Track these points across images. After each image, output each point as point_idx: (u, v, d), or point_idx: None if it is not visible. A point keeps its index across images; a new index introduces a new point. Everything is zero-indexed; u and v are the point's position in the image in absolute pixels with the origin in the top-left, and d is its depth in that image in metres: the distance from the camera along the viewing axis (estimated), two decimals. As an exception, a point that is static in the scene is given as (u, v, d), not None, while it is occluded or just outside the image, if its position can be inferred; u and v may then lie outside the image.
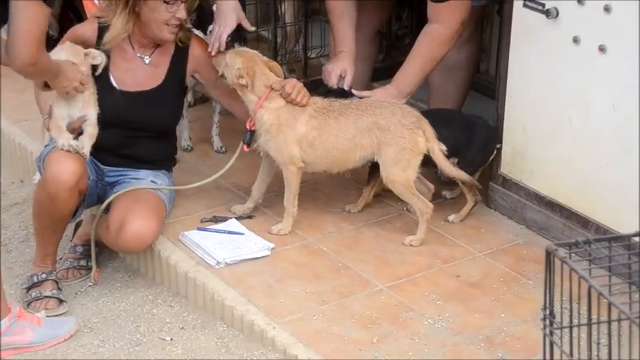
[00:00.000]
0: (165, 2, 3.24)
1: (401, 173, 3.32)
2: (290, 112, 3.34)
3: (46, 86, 3.16)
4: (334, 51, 3.76)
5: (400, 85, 3.53)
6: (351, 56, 3.66)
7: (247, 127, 3.39)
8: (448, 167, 3.38)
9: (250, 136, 3.39)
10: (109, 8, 3.32)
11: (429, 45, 3.51)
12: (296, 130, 3.33)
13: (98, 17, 3.36)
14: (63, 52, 3.16)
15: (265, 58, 3.42)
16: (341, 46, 3.68)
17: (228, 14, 3.43)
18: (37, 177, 3.43)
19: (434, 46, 3.50)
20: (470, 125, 3.57)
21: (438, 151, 3.35)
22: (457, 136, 3.47)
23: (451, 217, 3.56)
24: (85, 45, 3.28)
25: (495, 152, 3.55)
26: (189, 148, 4.12)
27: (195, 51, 3.44)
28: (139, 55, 3.38)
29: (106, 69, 3.31)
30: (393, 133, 3.30)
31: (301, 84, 3.38)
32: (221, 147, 4.11)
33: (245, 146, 3.41)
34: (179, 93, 3.52)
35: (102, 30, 3.34)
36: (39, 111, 3.41)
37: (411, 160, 3.32)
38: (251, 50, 3.45)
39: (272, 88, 3.33)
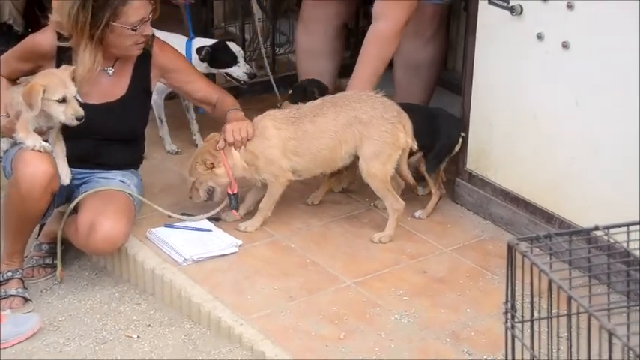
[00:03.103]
0: (133, 30, 3.19)
1: (381, 167, 3.33)
2: (254, 142, 3.34)
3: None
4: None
5: (356, 88, 3.52)
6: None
7: (230, 192, 3.39)
8: (405, 166, 3.41)
9: (236, 201, 3.42)
10: (72, 41, 3.24)
11: (377, 45, 3.52)
12: (270, 146, 3.33)
13: (58, 33, 3.27)
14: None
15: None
16: None
17: None
18: None
19: (381, 45, 3.52)
20: (432, 117, 3.59)
21: (408, 148, 3.36)
22: (421, 128, 3.48)
23: (417, 213, 3.58)
24: (42, 57, 3.24)
25: (461, 141, 3.57)
26: (174, 152, 4.09)
27: (157, 58, 3.40)
28: (101, 67, 3.32)
29: None
30: (375, 127, 3.30)
31: (233, 123, 3.36)
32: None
33: (234, 212, 3.44)
34: (144, 99, 3.48)
35: (61, 50, 3.27)
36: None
37: (391, 155, 3.33)
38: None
39: (221, 149, 3.34)
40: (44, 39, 3.32)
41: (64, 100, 3.09)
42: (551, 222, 3.29)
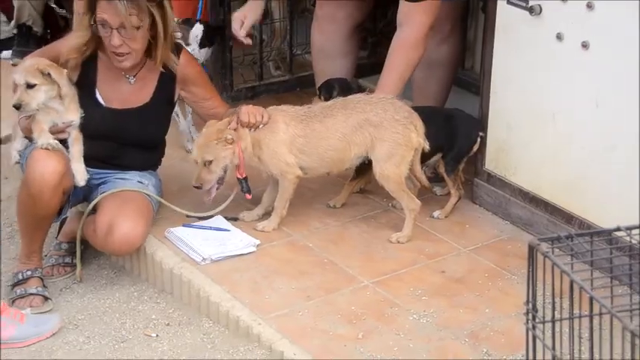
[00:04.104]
0: (101, 25, 3.14)
1: (394, 169, 3.32)
2: (263, 130, 3.33)
3: None
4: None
5: (383, 93, 3.52)
6: (257, 5, 3.88)
7: (239, 176, 3.37)
8: (419, 167, 3.41)
9: (247, 183, 3.39)
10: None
11: (402, 52, 3.54)
12: (277, 140, 3.32)
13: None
14: (19, 74, 3.14)
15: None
16: None
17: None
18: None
19: (407, 51, 3.53)
20: (450, 118, 3.59)
21: (420, 148, 3.36)
22: (439, 130, 3.48)
23: (436, 213, 3.58)
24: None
25: (479, 141, 3.56)
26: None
27: (183, 69, 3.38)
28: (123, 73, 3.33)
29: (93, 85, 3.29)
30: (386, 128, 3.30)
31: (249, 105, 3.37)
32: None
33: (247, 195, 3.41)
34: (166, 109, 3.48)
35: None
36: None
37: (404, 156, 3.32)
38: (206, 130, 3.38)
39: (235, 130, 3.31)
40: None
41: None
42: (570, 222, 3.27)
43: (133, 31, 3.14)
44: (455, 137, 3.54)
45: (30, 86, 3.12)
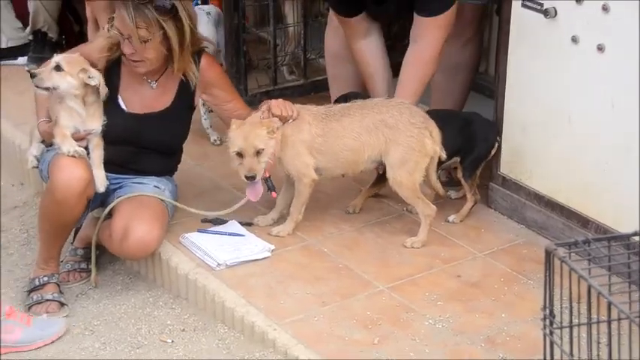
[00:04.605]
0: (120, 34, 3.16)
1: (408, 176, 3.31)
2: (290, 127, 3.31)
3: None
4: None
5: None
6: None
7: (264, 175, 3.30)
8: (434, 176, 3.40)
9: (271, 181, 3.33)
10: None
11: (416, 67, 3.55)
12: (302, 139, 3.31)
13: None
14: (59, 56, 3.15)
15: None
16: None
17: None
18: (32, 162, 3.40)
19: (421, 67, 3.54)
20: (468, 122, 3.58)
21: (437, 157, 3.35)
22: (457, 134, 3.48)
23: (451, 218, 3.56)
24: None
25: (497, 145, 3.55)
26: (217, 142, 4.15)
27: (204, 73, 3.37)
28: (145, 78, 3.35)
29: (115, 90, 3.30)
30: (401, 131, 3.29)
31: (279, 99, 3.35)
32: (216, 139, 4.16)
33: (273, 193, 3.36)
34: (187, 114, 3.48)
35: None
36: (35, 112, 3.39)
37: (418, 162, 3.31)
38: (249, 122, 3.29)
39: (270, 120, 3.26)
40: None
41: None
42: (586, 226, 3.25)
43: (140, 43, 3.14)
44: (473, 142, 3.52)
45: (58, 69, 3.12)
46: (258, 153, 3.21)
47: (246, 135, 3.22)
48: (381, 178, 3.56)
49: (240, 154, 3.23)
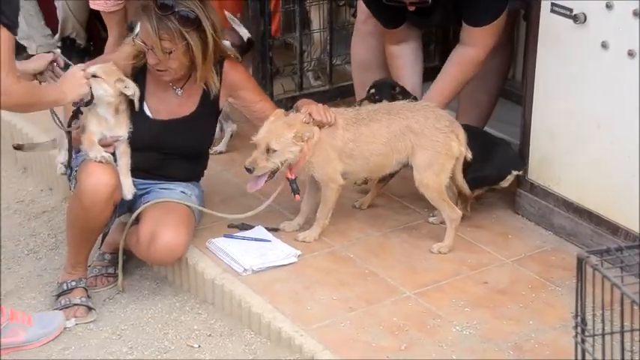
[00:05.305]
0: (144, 44, 3.17)
1: (434, 178, 3.30)
2: (325, 132, 3.30)
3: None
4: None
5: (432, 102, 3.51)
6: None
7: (289, 176, 3.29)
8: (460, 176, 3.38)
9: (296, 184, 3.31)
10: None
11: (460, 68, 3.59)
12: (334, 145, 3.31)
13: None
14: (96, 66, 3.18)
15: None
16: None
17: None
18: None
19: (465, 69, 3.59)
20: (492, 144, 3.57)
21: (462, 157, 3.33)
22: (477, 151, 3.41)
23: (431, 219, 3.56)
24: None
25: (510, 178, 3.52)
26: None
27: (227, 76, 3.39)
28: (171, 85, 3.36)
29: (141, 97, 3.30)
30: (427, 136, 3.29)
31: (317, 104, 3.34)
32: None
33: (296, 196, 3.33)
34: (212, 118, 3.49)
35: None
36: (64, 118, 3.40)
37: (444, 164, 3.30)
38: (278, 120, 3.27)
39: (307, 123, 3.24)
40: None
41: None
42: (616, 233, 3.22)
43: (164, 54, 3.16)
44: (489, 163, 3.49)
45: (94, 76, 3.13)
46: (268, 151, 3.20)
47: (271, 130, 3.22)
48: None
49: (256, 145, 3.22)
